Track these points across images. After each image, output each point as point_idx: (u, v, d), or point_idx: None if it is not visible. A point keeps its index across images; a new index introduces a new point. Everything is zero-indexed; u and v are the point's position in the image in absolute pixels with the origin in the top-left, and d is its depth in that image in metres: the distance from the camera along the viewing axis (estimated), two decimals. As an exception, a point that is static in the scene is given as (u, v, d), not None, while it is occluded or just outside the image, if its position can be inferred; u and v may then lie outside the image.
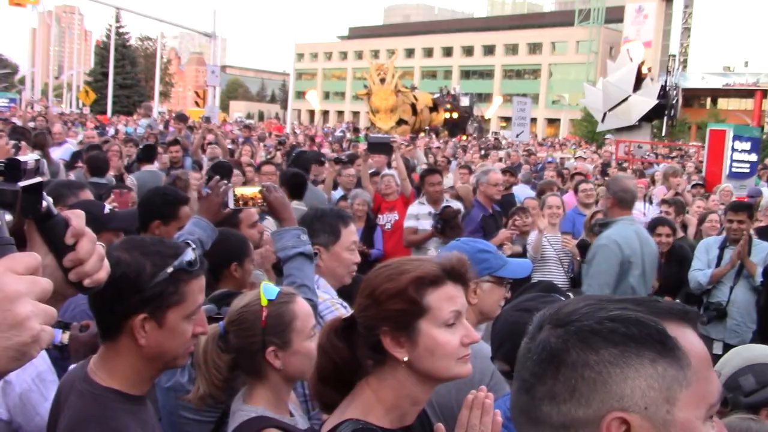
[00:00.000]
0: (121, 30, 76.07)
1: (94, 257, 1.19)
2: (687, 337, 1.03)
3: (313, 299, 2.87)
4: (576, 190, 8.60)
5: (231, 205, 3.09)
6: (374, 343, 1.76)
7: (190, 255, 1.87)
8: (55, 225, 1.14)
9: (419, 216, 7.49)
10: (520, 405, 1.07)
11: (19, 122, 17.01)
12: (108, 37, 71.14)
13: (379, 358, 1.78)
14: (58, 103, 67.93)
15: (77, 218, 1.16)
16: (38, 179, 1.11)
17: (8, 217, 1.02)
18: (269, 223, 4.78)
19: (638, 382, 0.98)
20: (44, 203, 1.12)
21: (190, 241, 1.98)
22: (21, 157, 1.08)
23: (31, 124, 14.51)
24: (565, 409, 1.01)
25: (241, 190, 3.14)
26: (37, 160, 1.11)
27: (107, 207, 3.40)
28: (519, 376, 1.08)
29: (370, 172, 9.20)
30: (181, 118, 15.46)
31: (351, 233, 3.30)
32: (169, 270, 1.83)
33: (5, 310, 0.87)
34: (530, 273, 3.34)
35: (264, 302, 2.20)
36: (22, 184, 1.07)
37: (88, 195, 4.28)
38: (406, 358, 1.74)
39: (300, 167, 7.84)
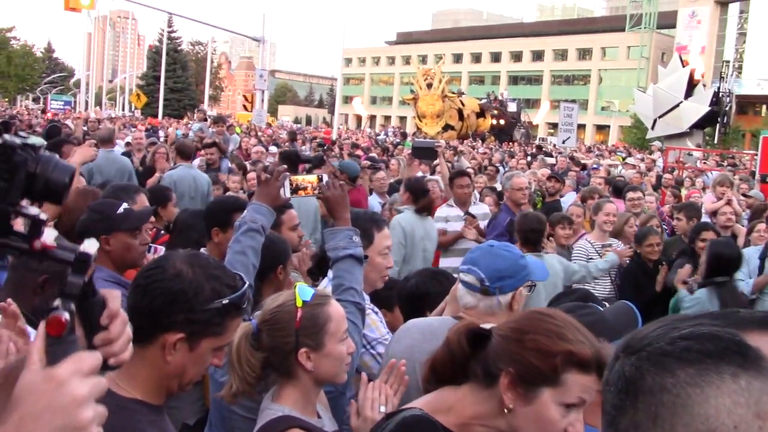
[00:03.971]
0: (173, 35, 77.58)
1: (123, 339, 1.23)
2: None
3: (360, 302, 2.88)
4: (623, 198, 8.48)
5: (287, 193, 3.08)
6: (493, 370, 1.74)
7: (245, 292, 1.87)
8: (94, 304, 1.18)
9: (449, 218, 7.54)
10: None
11: (71, 124, 17.46)
12: (160, 41, 72.55)
13: (486, 382, 1.76)
14: (111, 106, 69.44)
15: (113, 299, 1.20)
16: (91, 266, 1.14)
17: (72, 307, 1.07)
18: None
19: (721, 400, 0.91)
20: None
21: (244, 276, 1.97)
22: (85, 248, 1.13)
23: (84, 128, 14.84)
24: None
25: (297, 178, 3.12)
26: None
27: (122, 206, 3.44)
28: (603, 409, 1.04)
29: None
30: (220, 120, 15.70)
31: (385, 238, 3.29)
32: (225, 301, 1.81)
33: (72, 414, 0.92)
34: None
35: (299, 303, 2.21)
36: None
37: (143, 200, 4.37)
38: (511, 407, 1.72)
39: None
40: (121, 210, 3.39)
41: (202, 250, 3.68)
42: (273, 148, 14.80)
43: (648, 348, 0.99)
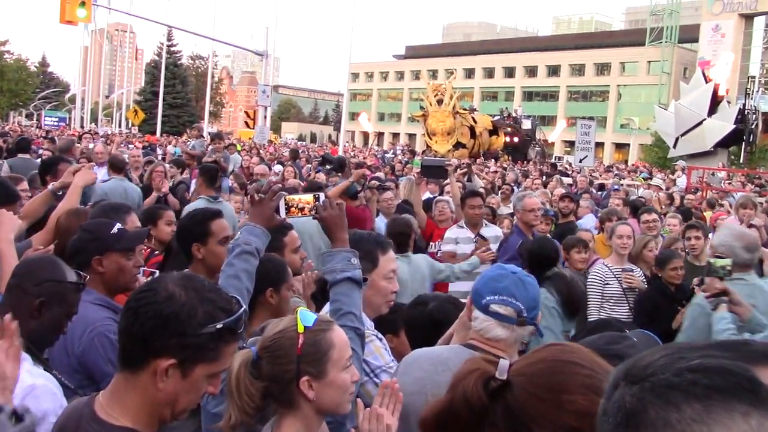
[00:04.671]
0: (172, 49, 78.23)
1: None
2: None
3: (359, 328, 2.87)
4: (638, 220, 8.47)
5: (282, 214, 3.09)
6: (520, 429, 1.65)
7: (240, 316, 1.88)
8: None
9: (458, 240, 7.52)
10: None
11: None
12: (159, 55, 73.13)
13: None
14: (107, 123, 69.88)
15: None
16: None
17: None
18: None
19: None
20: None
21: (240, 299, 1.98)
22: None
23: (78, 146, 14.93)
24: None
25: (293, 198, 3.12)
26: None
27: (116, 226, 3.46)
28: None
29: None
30: (218, 137, 15.72)
31: (389, 261, 3.28)
32: (219, 325, 1.82)
33: None
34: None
35: (301, 329, 2.21)
36: None
37: (135, 220, 4.40)
38: None
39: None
40: (114, 230, 3.41)
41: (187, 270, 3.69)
42: (278, 167, 14.84)
43: (652, 378, 0.96)
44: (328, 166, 12.94)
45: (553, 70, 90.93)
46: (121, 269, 3.39)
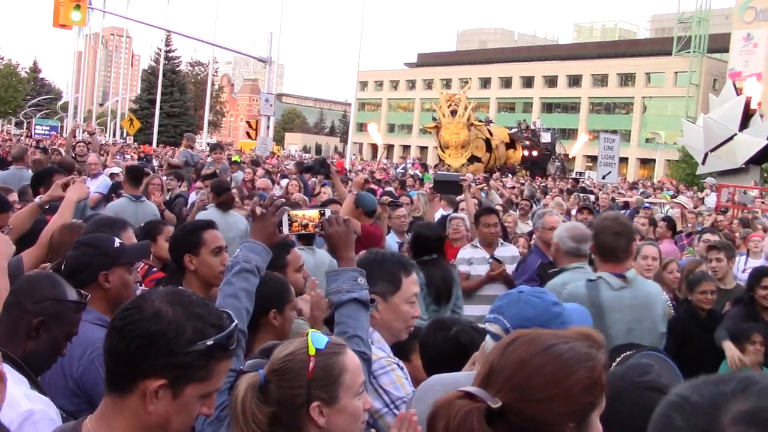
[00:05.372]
0: (170, 54, 78.70)
1: None
2: None
3: (366, 353, 2.86)
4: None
5: (285, 230, 3.07)
6: None
7: (232, 331, 1.88)
8: None
9: (472, 260, 7.48)
10: None
11: (61, 151, 17.66)
12: (156, 61, 73.60)
13: None
14: (101, 132, 70.20)
15: None
16: None
17: None
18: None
19: None
20: None
21: (232, 314, 1.98)
22: None
23: (73, 154, 14.97)
24: None
25: (297, 213, 3.11)
26: None
27: (116, 240, 3.49)
28: None
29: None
30: (218, 147, 15.66)
31: (412, 284, 3.26)
32: (209, 342, 1.82)
33: None
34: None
35: (312, 351, 2.20)
36: None
37: (131, 235, 4.43)
38: None
39: None
40: (116, 244, 3.43)
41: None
42: (284, 181, 14.81)
43: None
44: (307, 174, 13.00)
45: (574, 81, 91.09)
46: (125, 284, 3.41)
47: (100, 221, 4.54)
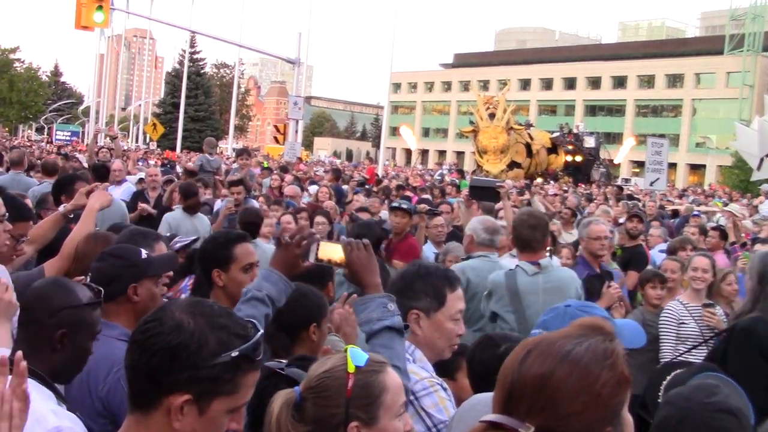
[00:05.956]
0: (195, 56, 79.49)
1: None
2: None
3: (405, 385, 2.85)
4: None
5: (311, 258, 3.05)
6: None
7: (258, 341, 1.87)
8: None
9: None
10: None
11: (83, 158, 17.88)
12: (181, 63, 74.33)
13: None
14: (123, 138, 71.02)
15: None
16: None
17: None
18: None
19: None
20: None
21: (257, 323, 1.97)
22: None
23: (96, 159, 15.11)
24: None
25: (326, 250, 3.05)
26: None
27: (143, 251, 3.50)
28: None
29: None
30: (245, 153, 15.64)
31: (458, 299, 3.23)
32: (234, 354, 1.81)
33: None
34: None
35: (351, 369, 2.19)
36: None
37: (163, 248, 4.45)
38: None
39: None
40: (143, 255, 3.45)
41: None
42: (313, 188, 14.83)
43: None
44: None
45: (619, 82, 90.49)
46: (153, 298, 3.42)
47: (135, 232, 4.51)
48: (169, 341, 1.80)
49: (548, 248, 7.77)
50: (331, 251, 3.04)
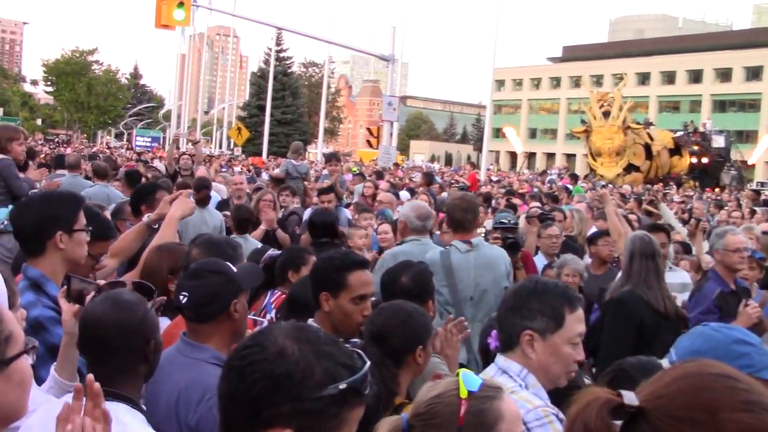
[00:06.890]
0: (282, 55, 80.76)
1: None
2: None
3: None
4: None
5: None
6: None
7: (366, 374, 1.84)
8: None
9: None
10: None
11: (161, 166, 18.34)
12: (266, 63, 75.62)
13: None
14: (206, 143, 72.77)
15: None
16: None
17: None
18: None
19: None
20: None
21: (362, 354, 1.95)
22: None
23: (176, 166, 15.43)
24: None
25: None
26: None
27: (231, 265, 3.51)
28: None
29: None
30: (334, 158, 15.66)
31: (578, 321, 3.15)
32: (342, 386, 1.78)
33: None
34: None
35: (464, 394, 2.17)
36: None
37: (243, 257, 4.53)
38: None
39: None
40: (234, 269, 3.46)
41: (310, 321, 3.72)
42: (405, 194, 14.84)
43: None
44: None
45: (754, 73, 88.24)
46: (245, 315, 3.45)
47: (212, 242, 4.53)
48: (271, 369, 1.77)
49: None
50: None
